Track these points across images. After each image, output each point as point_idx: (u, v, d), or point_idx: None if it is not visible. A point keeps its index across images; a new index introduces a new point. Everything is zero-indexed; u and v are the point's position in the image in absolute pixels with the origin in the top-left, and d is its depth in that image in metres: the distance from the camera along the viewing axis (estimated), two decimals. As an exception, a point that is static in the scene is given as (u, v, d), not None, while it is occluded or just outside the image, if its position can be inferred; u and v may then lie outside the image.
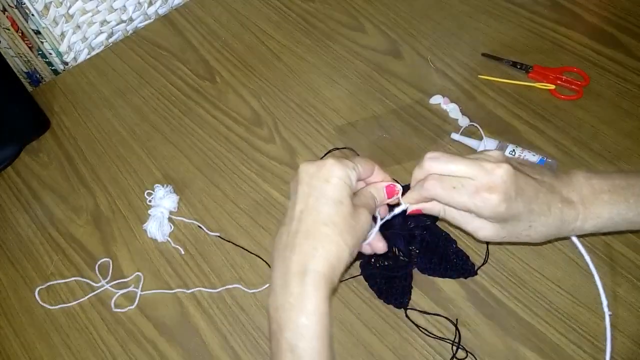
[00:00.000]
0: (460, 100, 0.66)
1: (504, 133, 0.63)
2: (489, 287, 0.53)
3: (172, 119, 0.69)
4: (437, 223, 0.56)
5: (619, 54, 0.68)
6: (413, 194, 0.45)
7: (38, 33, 0.72)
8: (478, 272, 0.54)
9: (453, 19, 0.74)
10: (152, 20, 0.81)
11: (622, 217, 0.43)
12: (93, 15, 0.76)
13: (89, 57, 0.78)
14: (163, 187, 0.61)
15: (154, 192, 0.61)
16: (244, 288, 0.55)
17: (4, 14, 0.72)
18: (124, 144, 0.68)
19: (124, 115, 0.70)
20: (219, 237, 0.59)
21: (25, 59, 0.79)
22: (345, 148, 0.64)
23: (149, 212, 0.60)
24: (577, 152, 0.61)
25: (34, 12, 0.70)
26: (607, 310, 0.45)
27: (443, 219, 0.46)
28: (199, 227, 0.60)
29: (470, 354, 0.50)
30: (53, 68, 0.78)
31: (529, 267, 0.54)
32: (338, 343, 0.52)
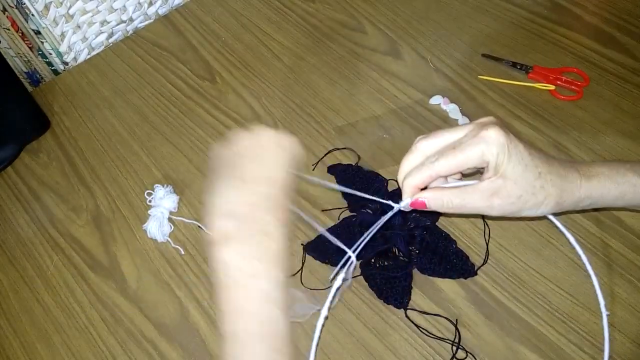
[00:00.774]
0: (460, 101, 0.66)
1: (504, 133, 0.63)
2: (489, 287, 0.53)
3: (172, 119, 0.69)
4: (437, 223, 0.56)
5: (619, 55, 0.68)
6: (415, 178, 0.42)
7: (38, 33, 0.72)
8: (478, 272, 0.54)
9: (453, 20, 0.75)
10: (152, 21, 0.81)
11: (623, 177, 0.43)
12: (93, 16, 0.76)
13: (89, 57, 0.78)
14: (163, 187, 0.61)
15: (154, 192, 0.61)
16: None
17: (4, 14, 0.72)
18: (124, 144, 0.68)
19: (124, 115, 0.70)
20: (219, 237, 0.59)
21: (26, 59, 0.79)
22: (345, 148, 0.64)
23: (149, 212, 0.60)
24: (577, 152, 0.61)
25: (34, 12, 0.70)
26: (604, 310, 0.45)
27: (451, 211, 0.43)
28: (199, 227, 0.60)
29: (470, 354, 0.50)
30: (53, 68, 0.78)
31: (529, 267, 0.54)
32: (338, 343, 0.52)
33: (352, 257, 0.42)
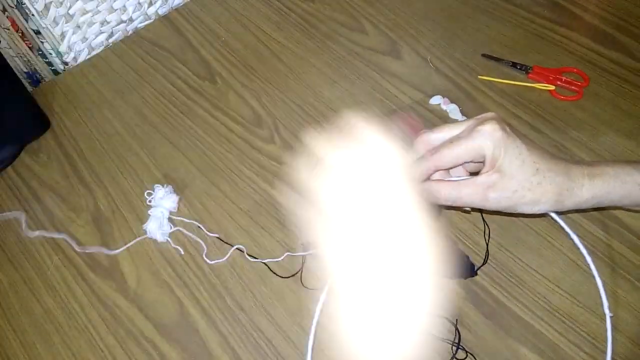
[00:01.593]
0: (460, 101, 0.66)
1: (504, 133, 0.63)
2: (489, 287, 0.53)
3: (172, 119, 0.69)
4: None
5: (619, 55, 0.68)
6: (414, 170, 0.43)
7: (38, 33, 0.72)
8: (478, 272, 0.54)
9: (453, 20, 0.75)
10: (152, 21, 0.81)
11: (629, 176, 0.43)
12: (93, 16, 0.76)
13: (89, 57, 0.78)
14: (163, 187, 0.61)
15: (154, 192, 0.61)
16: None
17: (4, 14, 0.72)
18: (124, 144, 0.68)
19: (124, 115, 0.70)
20: (218, 238, 0.59)
21: (26, 59, 0.79)
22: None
23: (149, 212, 0.60)
24: (577, 152, 0.61)
25: (34, 12, 0.70)
26: (607, 312, 0.45)
27: (447, 203, 0.44)
28: (199, 227, 0.60)
29: (470, 354, 0.50)
30: (53, 68, 0.78)
31: (529, 267, 0.54)
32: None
33: None
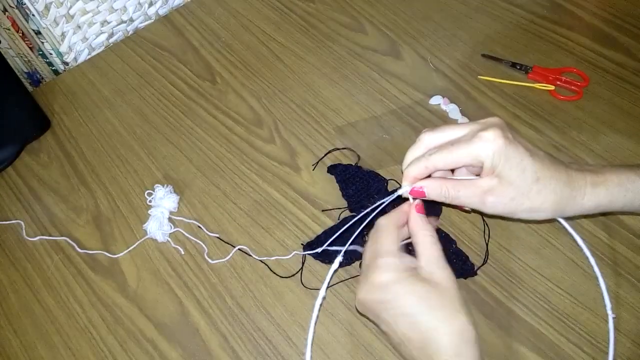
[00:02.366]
0: (460, 101, 0.66)
1: (504, 133, 0.63)
2: (489, 287, 0.53)
3: (172, 119, 0.69)
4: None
5: (619, 55, 0.68)
6: (413, 168, 0.44)
7: (38, 33, 0.73)
8: (478, 272, 0.54)
9: (453, 20, 0.75)
10: (152, 21, 0.81)
11: (632, 184, 0.42)
12: (93, 16, 0.76)
13: (90, 57, 0.78)
14: (163, 187, 0.61)
15: (154, 192, 0.61)
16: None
17: (5, 14, 0.72)
18: (124, 144, 0.68)
19: (124, 116, 0.70)
20: (218, 238, 0.59)
21: (26, 59, 0.79)
22: (345, 149, 0.64)
23: (149, 212, 0.60)
24: (577, 152, 0.61)
25: (35, 12, 0.70)
26: (610, 313, 0.45)
27: (447, 201, 0.45)
28: (199, 227, 0.60)
29: (470, 354, 0.50)
30: (53, 68, 0.78)
31: (529, 267, 0.54)
32: (337, 342, 0.52)
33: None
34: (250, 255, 0.57)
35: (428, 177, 0.45)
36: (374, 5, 0.78)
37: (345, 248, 0.48)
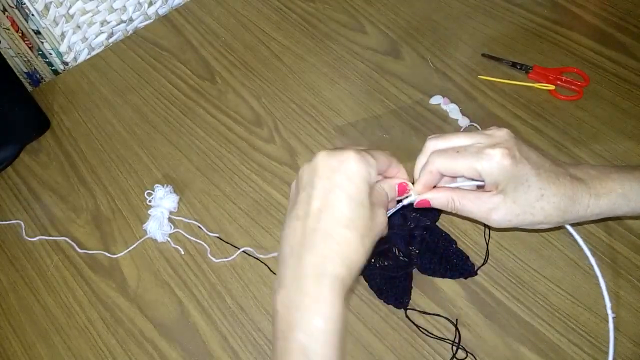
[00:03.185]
0: (460, 101, 0.66)
1: (504, 133, 0.63)
2: (489, 287, 0.53)
3: (172, 119, 0.69)
4: (437, 223, 0.56)
5: (619, 55, 0.68)
6: (420, 180, 0.44)
7: (38, 33, 0.72)
8: (478, 272, 0.54)
9: (453, 20, 0.75)
10: (152, 21, 0.81)
11: (635, 192, 0.42)
12: (93, 16, 0.76)
13: (89, 57, 0.78)
14: (163, 187, 0.61)
15: (154, 192, 0.61)
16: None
17: (4, 14, 0.72)
18: (124, 144, 0.68)
19: (124, 115, 0.70)
20: (218, 238, 0.59)
21: (25, 59, 0.79)
22: (345, 148, 0.64)
23: (149, 212, 0.60)
24: (577, 152, 0.61)
25: (34, 12, 0.70)
26: (610, 313, 0.45)
27: (452, 211, 0.45)
28: (199, 227, 0.60)
29: (470, 354, 0.50)
30: (53, 68, 0.78)
31: (529, 267, 0.54)
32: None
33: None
34: (254, 257, 0.57)
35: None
36: (374, 5, 0.78)
37: None
